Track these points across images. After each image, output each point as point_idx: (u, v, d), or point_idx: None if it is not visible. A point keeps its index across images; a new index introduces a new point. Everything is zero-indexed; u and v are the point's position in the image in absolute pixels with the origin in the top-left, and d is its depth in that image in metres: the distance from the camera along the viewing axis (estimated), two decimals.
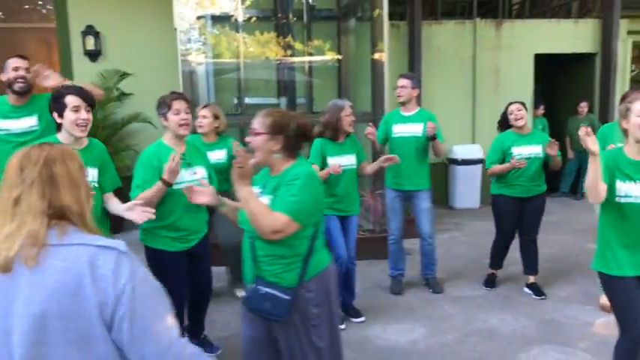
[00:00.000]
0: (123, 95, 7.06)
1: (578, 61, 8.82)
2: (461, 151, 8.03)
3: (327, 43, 7.31)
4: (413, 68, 7.76)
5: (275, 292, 2.23)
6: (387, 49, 5.86)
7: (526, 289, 4.66)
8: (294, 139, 2.32)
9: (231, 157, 4.47)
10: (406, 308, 4.39)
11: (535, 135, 4.60)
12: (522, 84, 8.24)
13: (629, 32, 8.90)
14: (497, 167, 4.51)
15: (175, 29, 5.71)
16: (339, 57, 7.32)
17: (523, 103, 4.53)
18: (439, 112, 4.70)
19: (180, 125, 3.13)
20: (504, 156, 4.50)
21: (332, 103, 4.08)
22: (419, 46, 7.83)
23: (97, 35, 7.16)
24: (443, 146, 4.58)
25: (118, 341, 1.33)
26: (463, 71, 8.30)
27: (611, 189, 2.63)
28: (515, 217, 4.58)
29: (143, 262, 3.11)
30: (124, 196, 3.11)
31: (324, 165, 3.94)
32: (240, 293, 4.67)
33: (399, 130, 4.57)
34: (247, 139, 2.35)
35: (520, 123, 4.44)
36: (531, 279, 4.69)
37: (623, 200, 2.62)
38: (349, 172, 4.02)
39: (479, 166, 7.91)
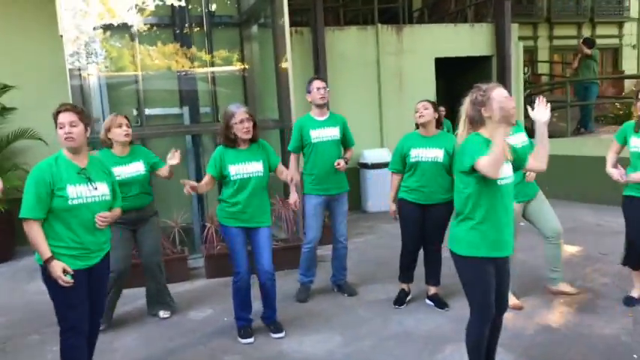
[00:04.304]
0: (5, 110, 6.47)
1: (476, 64, 9.20)
2: (370, 156, 8.10)
3: (230, 51, 7.11)
4: (318, 73, 7.73)
5: None
6: (290, 56, 5.76)
7: (427, 301, 4.36)
8: None
9: (150, 167, 4.14)
10: (322, 317, 4.26)
11: (440, 138, 4.12)
12: (425, 86, 8.45)
13: (520, 38, 9.41)
14: None
15: (61, 36, 5.28)
16: (243, 65, 7.14)
17: (434, 103, 4.14)
18: (347, 116, 4.62)
19: (65, 139, 2.83)
20: (404, 158, 4.17)
21: (225, 110, 3.77)
22: (323, 51, 7.84)
23: None
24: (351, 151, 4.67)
25: None
26: (368, 76, 8.41)
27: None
28: (418, 224, 4.21)
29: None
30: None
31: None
32: (165, 314, 4.35)
33: (318, 134, 4.42)
34: None
35: (421, 120, 4.08)
36: (432, 290, 4.37)
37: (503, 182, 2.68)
38: (255, 180, 3.75)
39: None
